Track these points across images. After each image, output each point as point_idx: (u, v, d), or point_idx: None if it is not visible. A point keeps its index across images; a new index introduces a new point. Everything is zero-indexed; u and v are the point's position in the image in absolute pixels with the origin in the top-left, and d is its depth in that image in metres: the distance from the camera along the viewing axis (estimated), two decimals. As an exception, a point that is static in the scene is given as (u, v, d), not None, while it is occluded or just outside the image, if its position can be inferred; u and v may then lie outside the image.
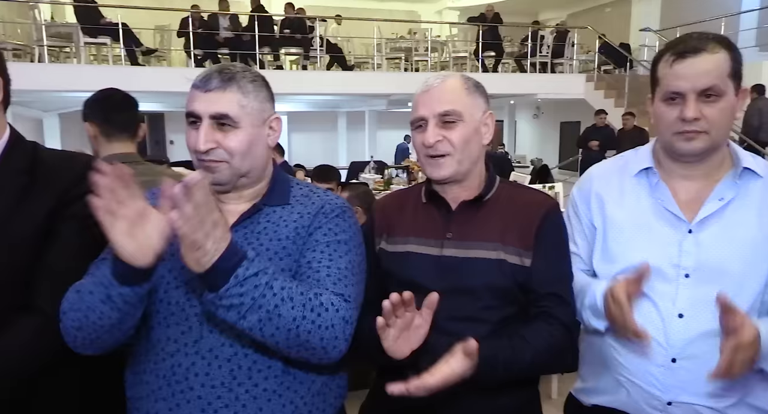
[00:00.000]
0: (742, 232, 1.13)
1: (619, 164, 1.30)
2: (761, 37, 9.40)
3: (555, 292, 1.15)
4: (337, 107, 14.93)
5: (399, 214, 1.28)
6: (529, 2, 13.57)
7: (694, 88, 1.10)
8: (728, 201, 1.15)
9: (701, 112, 1.10)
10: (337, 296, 1.00)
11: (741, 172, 1.15)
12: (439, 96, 1.17)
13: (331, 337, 0.96)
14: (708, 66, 1.10)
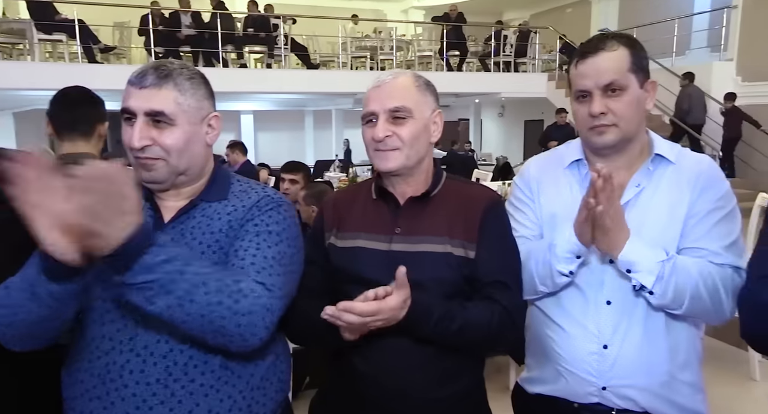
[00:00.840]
0: (653, 216, 1.18)
1: (554, 156, 1.36)
2: (712, 38, 9.75)
3: (499, 280, 1.18)
4: (304, 106, 14.86)
5: (349, 210, 1.29)
6: (493, 2, 13.76)
7: (597, 85, 1.17)
8: (643, 187, 1.21)
9: (607, 106, 1.17)
10: (259, 284, 0.99)
11: (653, 159, 1.22)
12: (390, 92, 1.19)
13: (249, 323, 0.95)
14: (607, 63, 1.17)
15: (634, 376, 1.18)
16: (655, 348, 1.18)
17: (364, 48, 10.56)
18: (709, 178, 1.20)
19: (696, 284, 1.10)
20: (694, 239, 1.17)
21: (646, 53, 1.22)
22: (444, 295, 1.16)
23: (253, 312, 0.95)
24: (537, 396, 1.33)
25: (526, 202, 1.34)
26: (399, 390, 1.15)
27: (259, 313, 0.96)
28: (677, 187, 1.20)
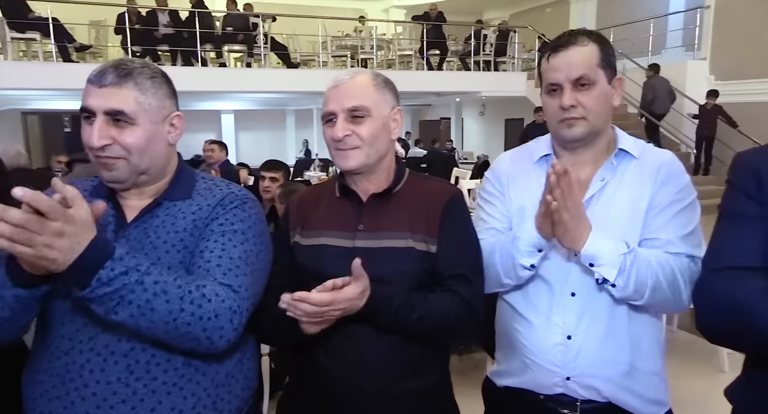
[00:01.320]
0: (617, 209, 1.22)
1: (524, 152, 1.38)
2: (686, 38, 9.93)
3: (459, 273, 1.20)
4: (285, 105, 14.80)
5: (314, 208, 1.30)
6: (473, 2, 13.85)
7: (568, 78, 1.20)
8: (607, 181, 1.24)
9: (577, 99, 1.20)
10: (223, 287, 1.00)
11: (617, 154, 1.25)
12: (348, 91, 1.20)
13: (215, 327, 0.96)
14: (577, 57, 1.20)
15: (597, 366, 1.21)
16: (618, 339, 1.21)
17: (344, 47, 10.55)
18: (669, 172, 1.23)
19: (656, 275, 1.13)
20: (653, 230, 1.20)
21: (614, 51, 1.25)
22: (407, 288, 1.17)
23: (219, 315, 0.96)
24: (505, 389, 1.35)
25: (496, 195, 1.36)
26: (361, 384, 1.16)
27: (224, 316, 0.97)
28: (639, 181, 1.23)
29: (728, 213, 1.02)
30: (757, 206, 0.97)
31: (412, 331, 1.15)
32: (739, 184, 1.02)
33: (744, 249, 0.97)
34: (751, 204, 0.98)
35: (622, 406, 1.22)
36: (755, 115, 7.98)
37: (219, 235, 1.07)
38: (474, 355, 3.43)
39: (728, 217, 1.02)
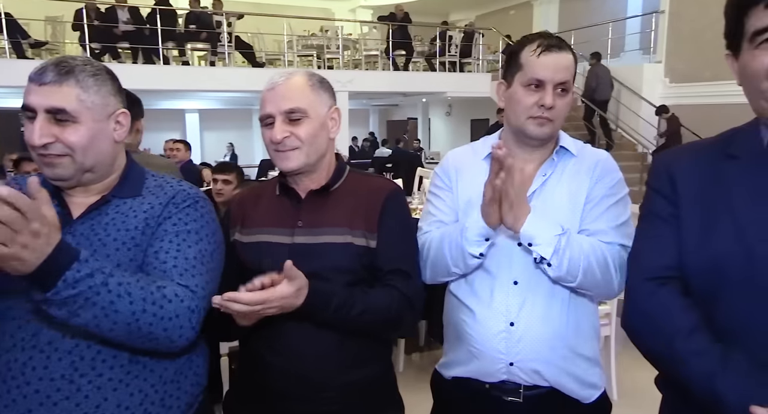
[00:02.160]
0: (556, 202, 1.28)
1: (473, 149, 1.43)
2: (643, 41, 10.25)
3: (399, 268, 1.24)
4: (251, 105, 14.63)
5: (254, 206, 1.33)
6: (439, 3, 13.97)
7: (553, 79, 1.25)
8: (548, 176, 1.30)
9: (555, 102, 1.25)
10: (182, 287, 1.02)
11: (558, 151, 1.32)
12: (284, 93, 1.22)
13: (175, 327, 0.99)
14: (566, 63, 1.26)
15: (538, 350, 1.26)
16: (558, 324, 1.27)
17: (310, 46, 10.51)
18: (604, 168, 1.30)
19: (588, 258, 1.19)
20: (589, 221, 1.27)
21: None
22: (346, 283, 1.20)
23: (179, 315, 0.99)
24: (452, 379, 1.39)
25: (444, 189, 1.40)
26: (304, 377, 1.19)
27: (184, 315, 1.00)
28: (578, 177, 1.30)
29: (646, 213, 1.08)
30: (671, 206, 1.02)
31: (352, 326, 1.18)
32: (654, 185, 1.07)
33: (658, 253, 1.02)
34: (665, 204, 1.03)
35: (561, 389, 1.28)
36: (707, 116, 8.29)
37: (173, 235, 1.09)
38: (434, 351, 3.48)
39: (646, 217, 1.08)
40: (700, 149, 1.06)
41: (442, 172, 1.42)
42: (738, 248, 0.91)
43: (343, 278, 1.21)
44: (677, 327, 0.95)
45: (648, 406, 1.25)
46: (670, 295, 0.99)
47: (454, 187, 1.38)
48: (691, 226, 0.98)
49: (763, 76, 0.89)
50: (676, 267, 1.00)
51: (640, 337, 1.03)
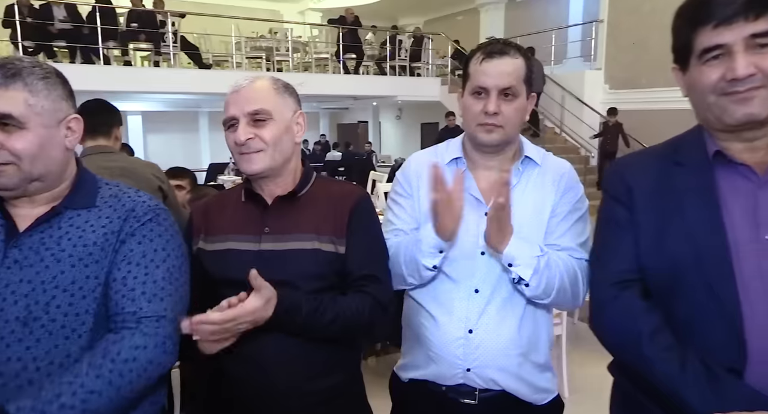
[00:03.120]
0: (521, 212, 1.29)
1: (435, 154, 1.43)
2: (584, 49, 10.68)
3: (370, 273, 1.24)
4: (198, 107, 14.27)
5: (219, 214, 1.29)
6: (388, 7, 14.08)
7: (496, 86, 1.26)
8: (514, 186, 1.31)
9: (500, 107, 1.26)
10: (145, 326, 1.00)
11: (523, 160, 1.34)
12: (248, 96, 1.20)
13: (152, 369, 1.00)
14: (509, 68, 1.27)
15: (494, 358, 1.28)
16: (514, 333, 1.29)
17: (259, 48, 10.35)
18: (568, 181, 1.34)
19: (562, 277, 1.23)
20: (557, 236, 1.30)
21: (539, 69, 1.33)
22: (315, 290, 1.19)
23: (152, 360, 0.99)
24: (410, 382, 1.40)
25: (405, 196, 1.40)
26: (267, 385, 1.17)
27: (155, 354, 1.00)
28: (542, 187, 1.32)
29: (604, 219, 1.13)
30: (628, 212, 1.07)
31: (324, 333, 1.17)
32: (612, 193, 1.12)
33: (619, 258, 1.07)
34: (623, 210, 1.08)
35: (515, 394, 1.31)
36: (643, 121, 8.72)
37: (140, 255, 1.05)
38: (391, 356, 3.49)
39: (606, 223, 1.12)
40: (650, 157, 1.11)
41: (404, 179, 1.42)
42: (689, 249, 0.98)
43: (313, 285, 1.19)
44: (640, 330, 1.01)
45: (597, 401, 1.30)
46: (632, 299, 1.04)
47: (415, 194, 1.38)
48: (647, 231, 1.04)
49: (709, 91, 0.95)
50: (636, 270, 1.05)
51: (608, 341, 1.09)
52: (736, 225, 0.96)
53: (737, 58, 0.91)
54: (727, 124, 0.96)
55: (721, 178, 1.00)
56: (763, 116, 0.93)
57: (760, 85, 0.91)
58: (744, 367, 0.93)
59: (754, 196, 0.97)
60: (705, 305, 0.96)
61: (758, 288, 0.93)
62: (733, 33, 0.91)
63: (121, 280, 1.02)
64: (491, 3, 13.28)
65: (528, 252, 1.21)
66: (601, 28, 9.81)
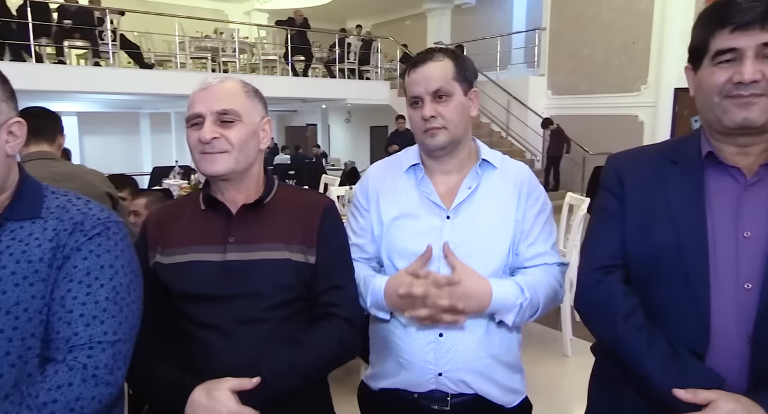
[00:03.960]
0: (485, 214, 1.30)
1: (393, 162, 1.43)
2: (528, 55, 11.02)
3: (338, 284, 1.23)
4: (138, 108, 13.73)
5: (175, 225, 1.23)
6: (336, 10, 14.04)
7: (427, 91, 1.28)
8: (474, 189, 1.32)
9: (436, 110, 1.28)
10: (74, 358, 0.93)
11: (481, 163, 1.35)
12: (217, 95, 1.17)
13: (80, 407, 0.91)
14: (434, 72, 1.28)
15: (465, 360, 1.28)
16: (483, 333, 1.30)
17: (204, 49, 10.07)
18: (530, 184, 1.36)
19: (545, 302, 1.28)
20: (528, 243, 1.31)
21: (471, 65, 1.35)
22: (284, 301, 1.17)
23: (79, 397, 0.91)
24: (380, 391, 1.38)
25: (362, 211, 1.39)
26: None
27: (86, 391, 0.92)
28: (504, 190, 1.33)
29: (598, 208, 1.20)
30: (618, 203, 1.15)
31: (309, 381, 1.19)
32: (606, 184, 1.19)
33: (606, 245, 1.15)
34: (614, 201, 1.16)
35: (486, 396, 1.31)
36: (583, 125, 9.09)
37: (84, 273, 0.96)
38: (349, 362, 3.46)
39: (597, 212, 1.20)
40: (646, 153, 1.18)
41: (361, 193, 1.41)
42: (671, 241, 1.05)
43: (282, 295, 1.17)
44: (618, 311, 1.09)
45: (550, 399, 1.33)
46: (613, 283, 1.12)
47: (373, 209, 1.37)
48: (634, 221, 1.11)
49: (715, 92, 1.01)
50: (621, 257, 1.13)
51: (589, 320, 1.17)
52: (718, 222, 1.03)
53: (746, 63, 0.96)
54: (726, 126, 1.01)
55: (710, 178, 1.06)
56: (759, 123, 0.98)
57: (762, 92, 0.96)
58: (706, 351, 1.02)
59: (738, 196, 1.03)
60: (679, 294, 1.04)
61: (729, 283, 1.01)
62: (747, 39, 0.96)
63: (59, 301, 0.94)
64: (438, 8, 13.50)
65: (511, 299, 1.23)
66: (543, 35, 10.16)
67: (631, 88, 8.67)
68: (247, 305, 1.15)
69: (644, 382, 1.05)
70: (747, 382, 1.00)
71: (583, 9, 9.38)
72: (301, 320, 1.22)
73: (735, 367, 1.00)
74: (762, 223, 1.00)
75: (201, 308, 1.16)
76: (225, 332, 1.14)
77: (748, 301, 0.99)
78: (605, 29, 9.06)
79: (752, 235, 1.00)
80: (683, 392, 0.98)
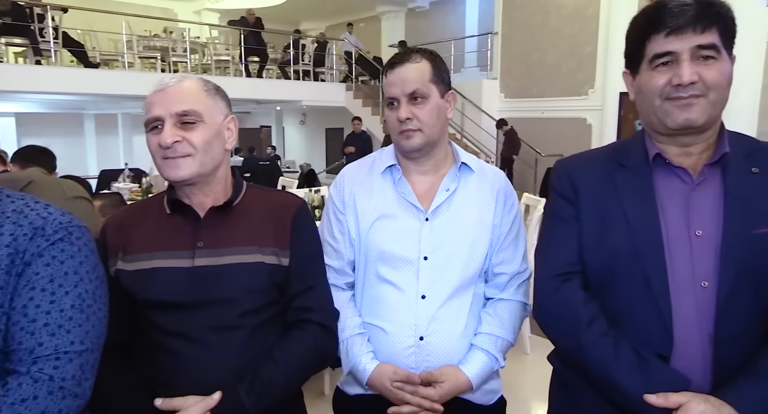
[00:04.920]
0: (464, 217, 1.31)
1: (369, 163, 1.41)
2: (481, 59, 11.24)
3: (311, 285, 1.21)
4: (82, 109, 13.15)
5: (137, 230, 1.18)
6: (290, 11, 13.88)
7: (403, 92, 1.28)
8: (453, 191, 1.32)
9: (412, 112, 1.28)
10: (39, 369, 0.89)
11: (460, 167, 1.35)
12: (176, 96, 1.12)
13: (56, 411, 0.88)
14: (411, 73, 1.28)
15: (447, 361, 1.28)
16: (464, 336, 1.30)
17: (153, 48, 9.75)
18: (505, 190, 1.37)
19: (515, 335, 1.33)
20: (502, 249, 1.33)
21: (447, 68, 1.35)
22: (257, 306, 1.14)
23: (45, 411, 0.87)
24: (356, 397, 1.36)
25: (338, 215, 1.38)
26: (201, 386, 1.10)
27: (53, 405, 0.88)
28: (482, 193, 1.34)
29: (550, 214, 1.20)
30: (572, 208, 1.15)
31: (287, 392, 1.17)
32: (558, 189, 1.19)
33: (562, 251, 1.14)
34: (568, 206, 1.15)
35: (467, 398, 1.32)
36: (535, 128, 9.34)
37: (47, 281, 0.92)
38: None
39: (551, 218, 1.20)
40: (596, 157, 1.19)
41: (336, 195, 1.39)
42: (628, 244, 1.06)
43: (255, 300, 1.14)
44: (580, 318, 1.08)
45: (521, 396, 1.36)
46: (572, 290, 1.12)
47: (350, 211, 1.36)
48: (590, 226, 1.12)
49: (656, 95, 1.04)
50: (578, 263, 1.13)
51: (549, 329, 1.16)
52: (670, 223, 1.05)
53: (683, 66, 0.99)
54: (669, 127, 1.04)
55: (659, 179, 1.08)
56: (700, 123, 1.02)
57: (700, 93, 1.00)
58: (670, 353, 1.02)
59: (687, 196, 1.06)
60: (639, 296, 1.05)
61: (686, 281, 1.03)
62: (682, 42, 0.99)
63: (21, 310, 0.89)
64: (392, 11, 13.58)
65: (486, 371, 1.28)
66: (495, 39, 10.38)
67: (579, 92, 8.98)
68: (219, 312, 1.12)
69: (611, 389, 1.04)
70: (711, 381, 1.01)
71: (533, 15, 9.65)
72: (276, 326, 1.20)
73: (699, 366, 1.01)
74: (711, 221, 1.02)
75: (169, 316, 1.12)
76: (197, 341, 1.10)
77: (706, 299, 1.00)
78: (554, 35, 9.35)
79: (703, 233, 1.02)
80: (654, 397, 0.98)
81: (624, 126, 8.53)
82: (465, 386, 1.25)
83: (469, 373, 1.25)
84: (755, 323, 1.01)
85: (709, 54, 1.00)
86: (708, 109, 1.01)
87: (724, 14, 1.00)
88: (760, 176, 1.03)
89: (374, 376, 1.26)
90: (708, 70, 0.99)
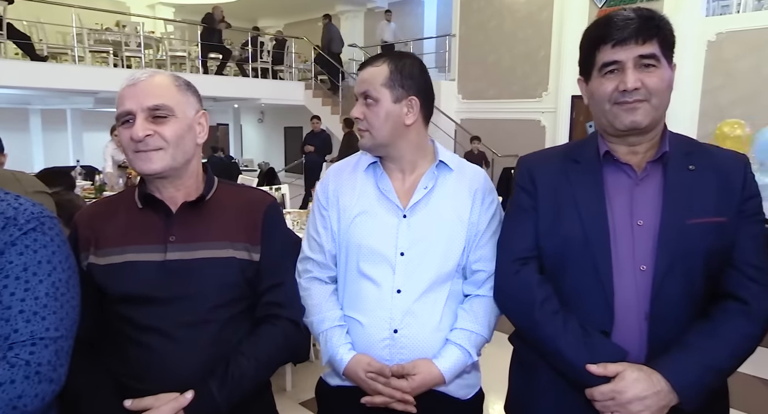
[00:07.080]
0: (441, 215, 1.34)
1: (353, 162, 1.45)
2: (439, 60, 11.41)
3: (281, 281, 1.24)
4: (28, 104, 12.58)
5: (109, 224, 1.19)
6: (248, 8, 13.70)
7: (358, 92, 1.34)
8: (431, 189, 1.35)
9: (363, 113, 1.34)
10: (15, 355, 0.91)
11: (438, 165, 1.38)
12: (147, 90, 1.14)
13: (23, 404, 0.89)
14: (366, 75, 1.33)
15: (421, 355, 1.31)
16: (439, 329, 1.33)
17: (105, 42, 9.44)
18: (484, 189, 1.40)
19: (490, 330, 1.35)
20: (481, 246, 1.36)
21: (420, 74, 1.35)
22: (227, 301, 1.17)
23: (21, 395, 0.89)
24: (337, 388, 1.39)
25: (321, 210, 1.41)
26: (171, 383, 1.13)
27: (29, 389, 0.91)
28: (460, 192, 1.37)
29: (513, 206, 1.30)
30: (531, 200, 1.25)
31: (257, 385, 1.19)
32: (520, 183, 1.29)
33: (521, 238, 1.25)
34: (527, 198, 1.26)
35: (444, 391, 1.34)
36: (491, 129, 9.56)
37: (21, 269, 0.94)
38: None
39: (513, 209, 1.30)
40: (554, 154, 1.31)
41: (322, 193, 1.43)
42: (578, 233, 1.17)
43: (225, 295, 1.17)
44: (534, 298, 1.19)
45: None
46: (530, 273, 1.23)
47: (333, 208, 1.39)
48: (545, 216, 1.23)
49: (605, 100, 1.15)
50: (535, 248, 1.24)
51: (507, 309, 1.27)
52: (616, 214, 1.17)
53: (628, 73, 1.11)
54: (617, 129, 1.16)
55: (607, 174, 1.20)
56: (644, 124, 1.13)
57: (643, 98, 1.12)
58: (611, 329, 1.14)
59: (631, 190, 1.18)
60: (587, 279, 1.16)
61: (627, 267, 1.15)
62: (626, 52, 1.11)
63: None
64: (350, 11, 13.60)
65: (459, 365, 1.30)
66: (453, 41, 10.55)
67: (533, 94, 9.24)
68: (190, 306, 1.14)
69: (560, 362, 1.16)
70: (645, 353, 1.14)
71: (489, 18, 9.86)
72: (246, 321, 1.23)
73: (635, 341, 1.13)
74: (651, 212, 1.15)
75: (140, 311, 1.14)
76: (168, 335, 1.12)
77: (644, 282, 1.12)
78: (509, 38, 9.59)
79: (644, 223, 1.15)
80: (595, 367, 1.10)
81: (575, 128, 8.83)
82: (437, 380, 1.29)
83: (442, 366, 1.28)
84: (687, 304, 1.14)
85: (650, 62, 1.12)
86: (651, 112, 1.13)
87: (663, 27, 1.13)
88: (696, 173, 1.16)
89: (350, 366, 1.30)
90: (649, 77, 1.12)
